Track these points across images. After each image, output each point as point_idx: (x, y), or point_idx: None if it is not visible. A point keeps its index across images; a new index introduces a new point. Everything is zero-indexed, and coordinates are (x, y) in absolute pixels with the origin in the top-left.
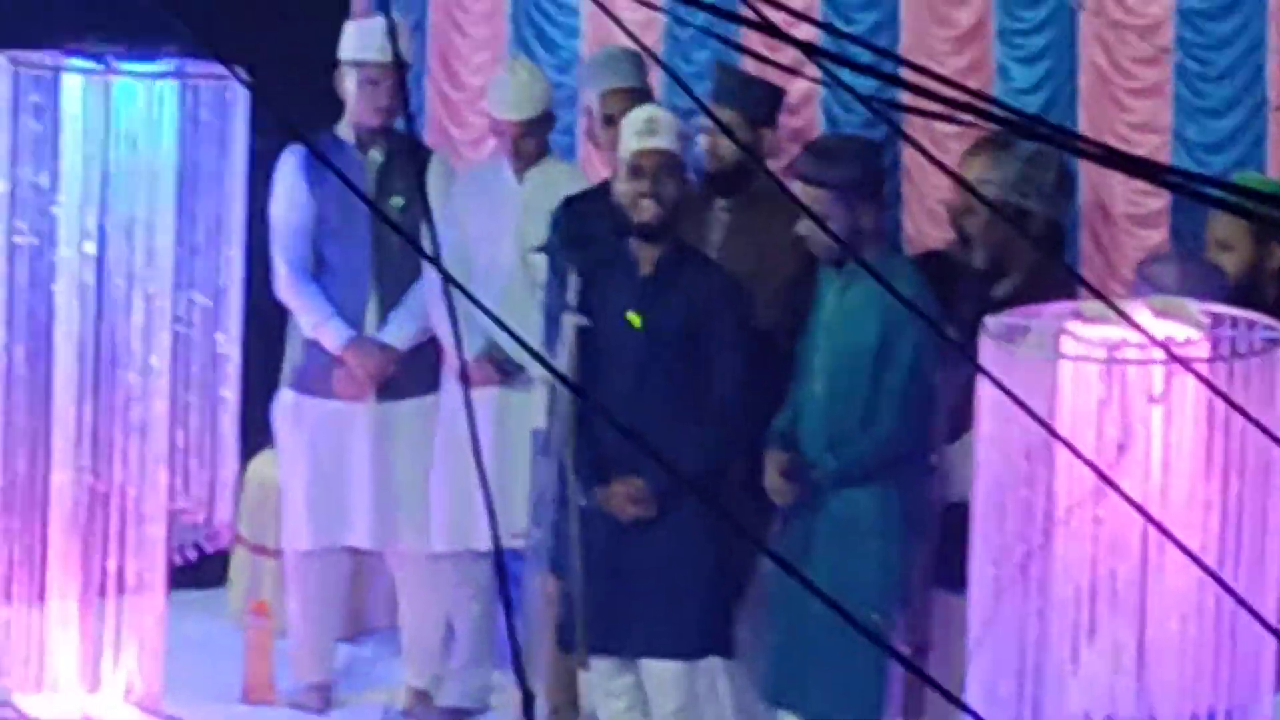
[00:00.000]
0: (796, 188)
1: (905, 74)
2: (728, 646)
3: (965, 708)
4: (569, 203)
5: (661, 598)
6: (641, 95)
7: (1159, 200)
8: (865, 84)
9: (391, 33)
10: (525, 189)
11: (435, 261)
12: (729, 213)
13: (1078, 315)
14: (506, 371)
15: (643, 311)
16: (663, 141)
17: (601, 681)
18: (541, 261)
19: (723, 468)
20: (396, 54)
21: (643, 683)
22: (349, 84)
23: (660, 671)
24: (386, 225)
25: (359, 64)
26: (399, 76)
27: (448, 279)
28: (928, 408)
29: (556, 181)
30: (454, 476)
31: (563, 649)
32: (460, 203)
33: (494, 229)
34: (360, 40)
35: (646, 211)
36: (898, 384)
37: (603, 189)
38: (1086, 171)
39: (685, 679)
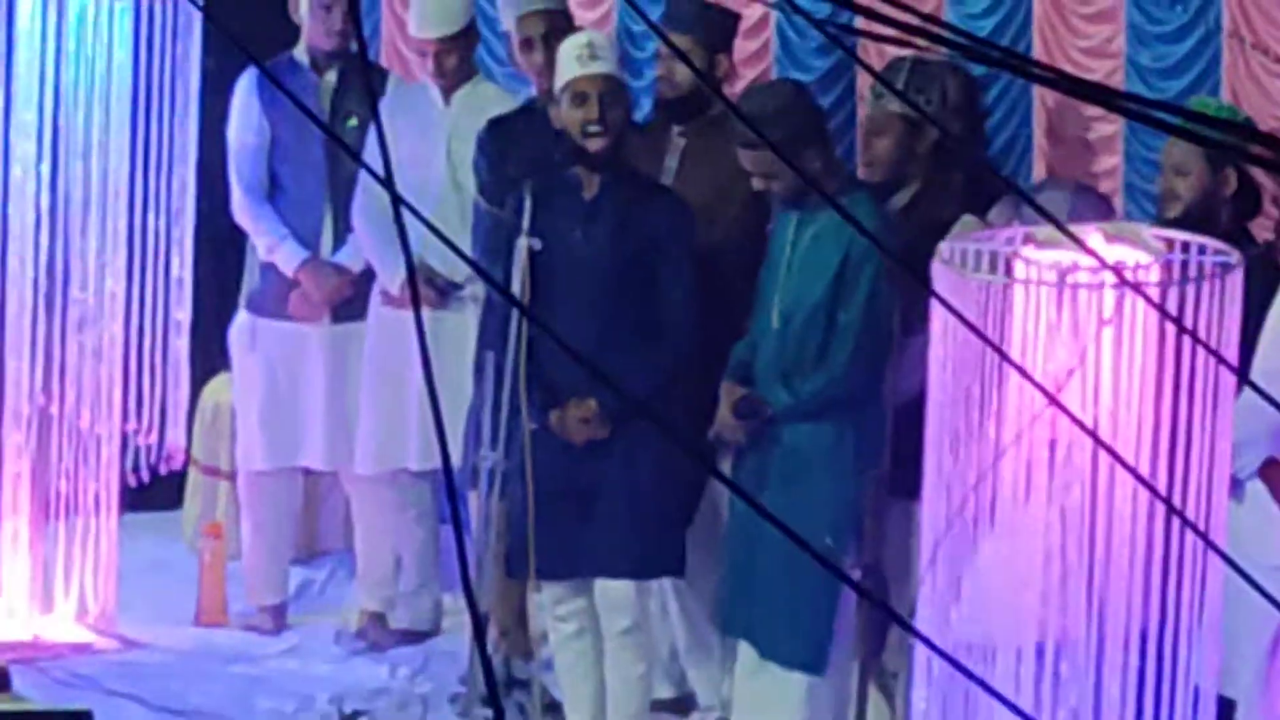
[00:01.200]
0: (739, 153)
1: None
2: (680, 566)
3: (916, 633)
4: (493, 124)
5: (615, 518)
6: (560, 17)
7: (1112, 125)
8: (820, 9)
9: None
10: (454, 109)
11: (385, 182)
12: (684, 138)
13: (1030, 240)
14: (441, 291)
15: (588, 235)
16: (603, 66)
17: (551, 605)
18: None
19: (673, 390)
20: None
21: (593, 605)
22: (302, 9)
23: (612, 591)
24: (340, 147)
25: None
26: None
27: (395, 197)
28: (883, 345)
29: (485, 103)
30: (381, 399)
31: (511, 575)
32: (388, 123)
33: (423, 151)
34: None
35: (595, 139)
36: (853, 322)
37: (526, 109)
38: (1040, 96)
39: (638, 598)
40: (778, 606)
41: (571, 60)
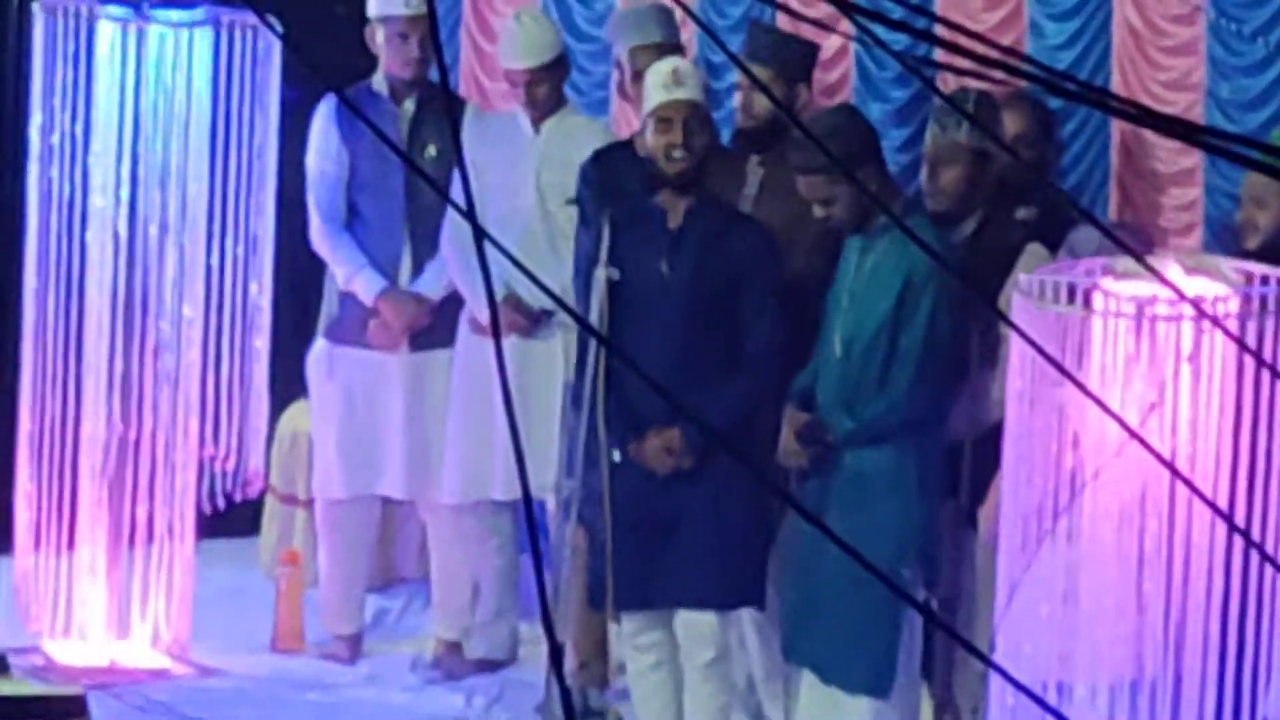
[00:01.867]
0: (798, 180)
1: (938, 30)
2: (760, 598)
3: (988, 661)
4: (598, 156)
5: (698, 549)
6: (671, 50)
7: (1191, 158)
8: (897, 40)
9: None
10: (542, 139)
11: (465, 211)
12: (763, 168)
13: (1109, 271)
14: (532, 318)
15: (672, 264)
16: (688, 93)
17: (630, 637)
18: (564, 214)
19: (755, 422)
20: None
21: (673, 637)
22: (379, 38)
23: (697, 623)
24: (419, 176)
25: (386, 19)
26: (429, 27)
27: (477, 229)
28: (945, 370)
29: (574, 133)
30: (469, 427)
31: (593, 606)
32: (477, 152)
33: (511, 179)
34: None
35: (678, 163)
36: (914, 346)
37: (632, 143)
38: (1118, 129)
39: (721, 631)
40: (840, 631)
41: (657, 87)
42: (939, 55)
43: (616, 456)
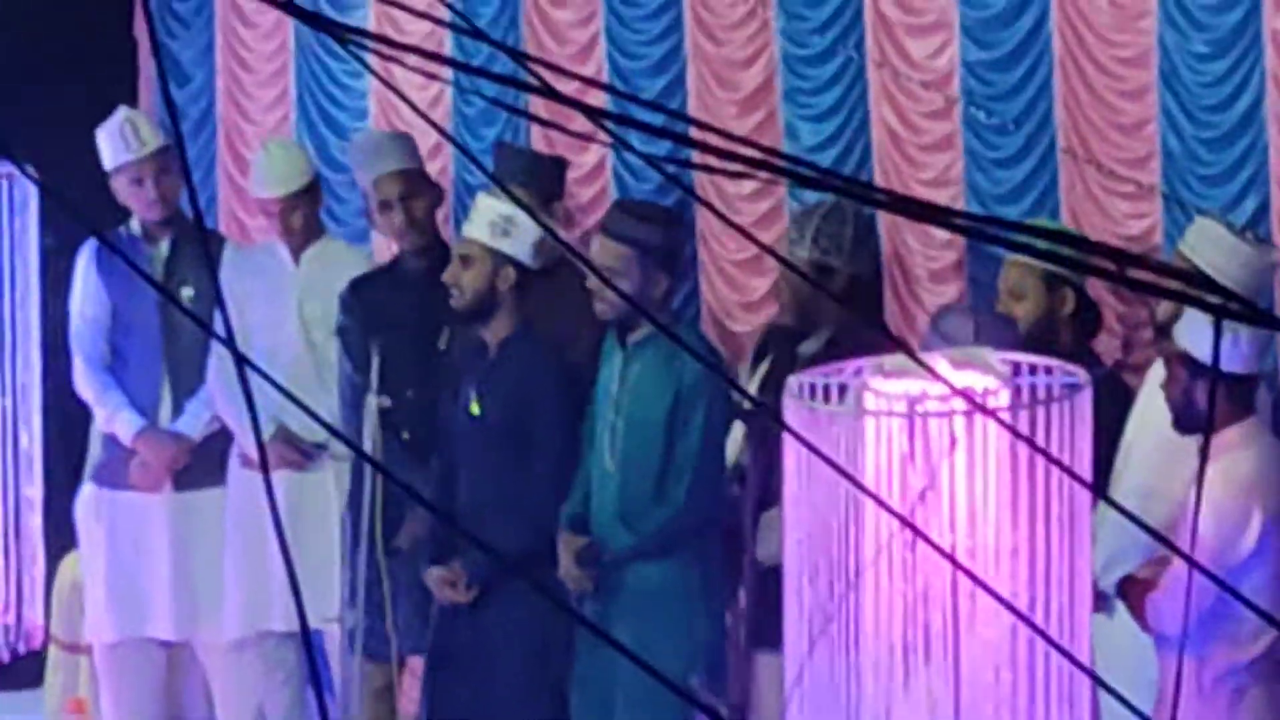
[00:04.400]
0: (598, 242)
1: (695, 134)
2: None
3: None
4: (355, 285)
5: (488, 680)
6: (416, 176)
7: (953, 253)
8: (656, 149)
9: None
10: (303, 269)
11: (229, 344)
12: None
13: (879, 370)
14: (304, 453)
15: (483, 394)
16: (471, 231)
17: None
18: (329, 344)
19: (546, 547)
20: (177, 136)
21: None
22: (119, 188)
23: None
24: (177, 315)
25: (119, 169)
26: (160, 163)
27: (243, 361)
28: (721, 476)
29: (334, 261)
30: (245, 561)
31: None
32: (237, 287)
33: (273, 312)
34: (111, 145)
35: (455, 301)
36: (690, 455)
37: (390, 268)
38: (885, 229)
39: None
40: None
41: (485, 227)
42: (696, 157)
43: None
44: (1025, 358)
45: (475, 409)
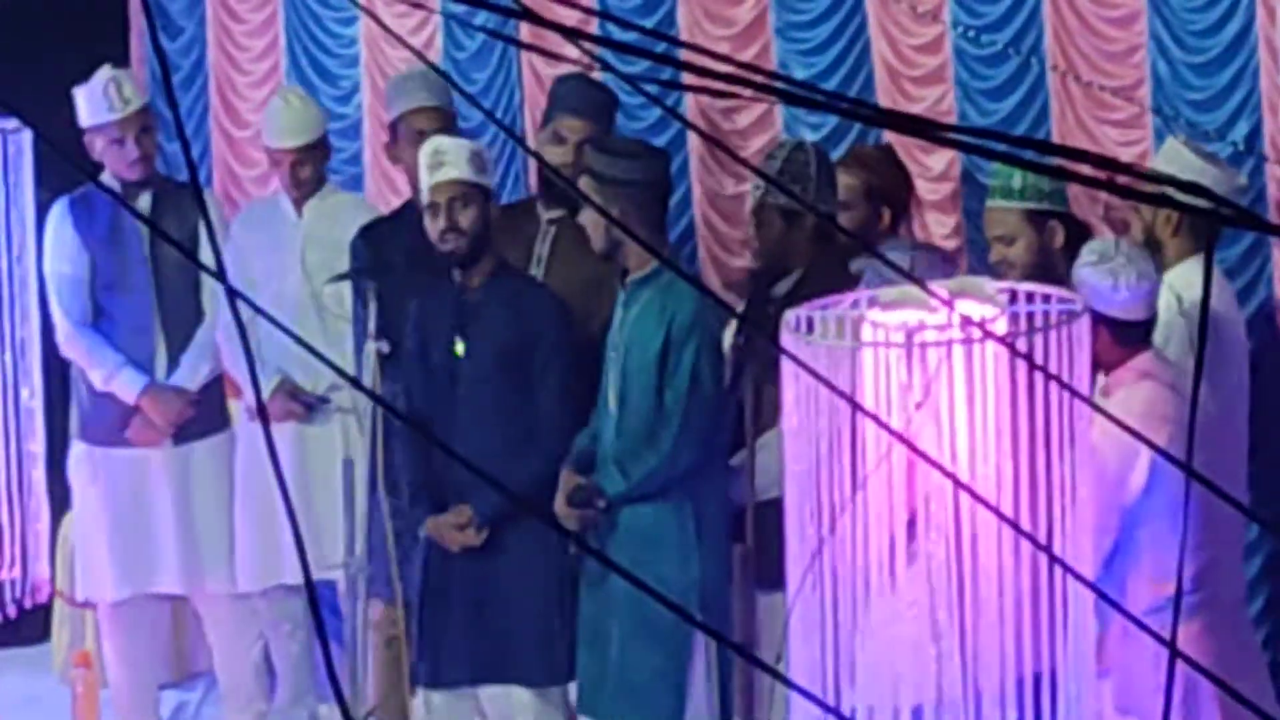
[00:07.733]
0: (582, 183)
1: (685, 56)
2: (571, 672)
3: (789, 683)
4: (364, 231)
5: (500, 624)
6: (448, 116)
7: (949, 184)
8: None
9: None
10: (306, 220)
11: (224, 281)
12: (554, 225)
13: (875, 302)
14: (307, 405)
15: (468, 335)
16: (449, 172)
17: (433, 712)
18: (334, 292)
19: (552, 487)
20: (160, 99)
21: (481, 712)
22: (98, 146)
23: (504, 698)
24: (167, 270)
25: (99, 127)
26: (142, 122)
27: (242, 303)
28: (715, 417)
29: (337, 212)
30: (257, 515)
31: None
32: (241, 240)
33: (277, 263)
34: (92, 104)
35: (448, 244)
36: (678, 400)
37: (399, 213)
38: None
39: (537, 703)
40: (625, 684)
41: (422, 170)
42: (684, 78)
43: (422, 532)
44: (1023, 285)
45: (460, 350)
